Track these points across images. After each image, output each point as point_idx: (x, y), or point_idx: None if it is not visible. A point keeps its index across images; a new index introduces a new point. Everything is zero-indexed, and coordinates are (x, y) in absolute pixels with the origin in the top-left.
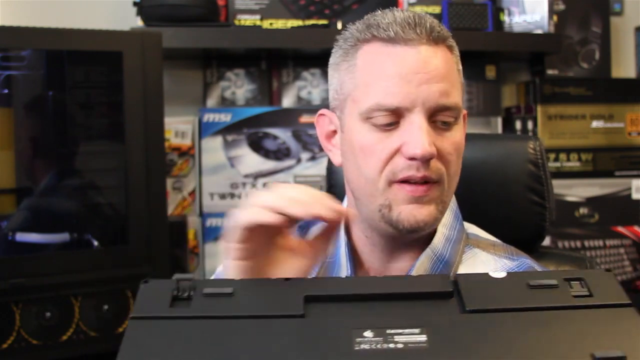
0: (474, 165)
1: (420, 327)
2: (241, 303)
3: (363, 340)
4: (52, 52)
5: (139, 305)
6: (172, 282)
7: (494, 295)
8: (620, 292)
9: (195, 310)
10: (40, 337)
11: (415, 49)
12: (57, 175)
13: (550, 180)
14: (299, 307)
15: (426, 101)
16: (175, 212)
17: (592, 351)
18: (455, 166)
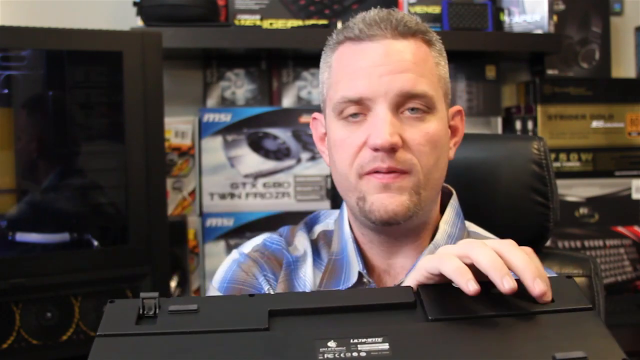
0: (477, 165)
1: (383, 335)
2: (206, 319)
3: (327, 350)
4: (52, 52)
5: (105, 323)
6: (137, 301)
7: (456, 304)
8: (581, 297)
9: (161, 327)
10: (40, 337)
11: (378, 43)
12: (57, 175)
13: (554, 180)
14: (264, 321)
15: (388, 91)
16: (175, 212)
17: (553, 353)
18: (430, 157)
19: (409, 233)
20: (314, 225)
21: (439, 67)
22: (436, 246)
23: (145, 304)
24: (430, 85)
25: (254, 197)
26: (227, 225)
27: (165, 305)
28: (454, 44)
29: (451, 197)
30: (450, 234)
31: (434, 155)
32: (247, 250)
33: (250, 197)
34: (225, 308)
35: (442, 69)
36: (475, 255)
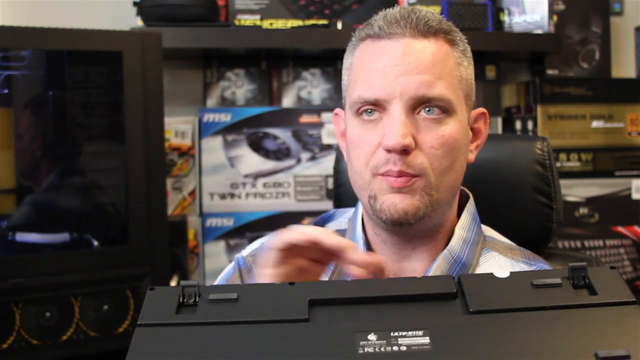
0: (480, 165)
1: (423, 329)
2: (246, 308)
3: (367, 343)
4: (52, 52)
5: (146, 312)
6: (177, 288)
7: (498, 295)
8: (624, 289)
9: (201, 317)
10: (40, 337)
11: (397, 42)
12: (57, 175)
13: (557, 181)
14: (304, 311)
15: (404, 93)
16: (175, 212)
17: (596, 350)
18: (444, 160)
19: (422, 235)
20: (326, 224)
21: (461, 68)
22: (451, 252)
23: (186, 292)
24: (448, 88)
25: (254, 197)
26: (227, 225)
27: (205, 293)
28: None
29: (468, 201)
30: (466, 239)
31: (449, 159)
32: (245, 253)
33: (250, 197)
34: (265, 297)
35: (464, 70)
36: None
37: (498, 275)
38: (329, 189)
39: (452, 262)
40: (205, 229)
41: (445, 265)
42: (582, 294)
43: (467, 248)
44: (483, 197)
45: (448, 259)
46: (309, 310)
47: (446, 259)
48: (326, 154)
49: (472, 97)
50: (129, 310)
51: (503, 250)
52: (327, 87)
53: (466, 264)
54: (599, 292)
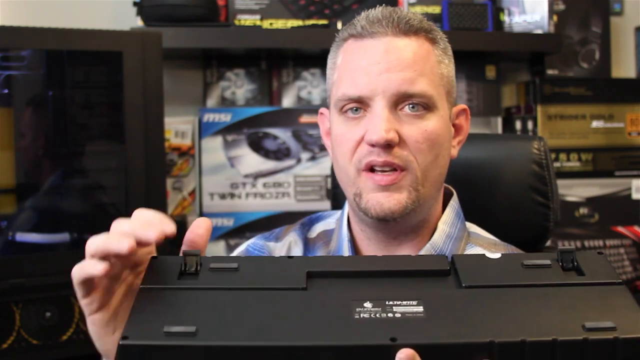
0: (477, 165)
1: (417, 299)
2: (246, 277)
3: (363, 310)
4: (52, 52)
5: (148, 277)
6: (179, 258)
7: (490, 273)
8: (611, 272)
9: (202, 283)
10: (40, 337)
11: (379, 41)
12: (57, 175)
13: (554, 180)
14: (302, 281)
15: (386, 89)
16: (175, 212)
17: (583, 322)
18: (428, 155)
19: (407, 231)
20: (314, 224)
21: (442, 65)
22: (433, 245)
23: (187, 261)
24: (430, 84)
25: (254, 197)
26: (227, 225)
27: (206, 263)
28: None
29: (452, 197)
30: (449, 234)
31: (432, 153)
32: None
33: (250, 197)
34: (265, 268)
35: (445, 67)
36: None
37: (490, 256)
38: (329, 189)
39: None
40: None
41: None
42: (570, 275)
43: (450, 243)
44: (480, 196)
45: (430, 252)
46: (307, 280)
47: (428, 252)
48: (326, 154)
49: (453, 94)
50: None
51: (487, 246)
52: (327, 87)
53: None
54: (586, 273)
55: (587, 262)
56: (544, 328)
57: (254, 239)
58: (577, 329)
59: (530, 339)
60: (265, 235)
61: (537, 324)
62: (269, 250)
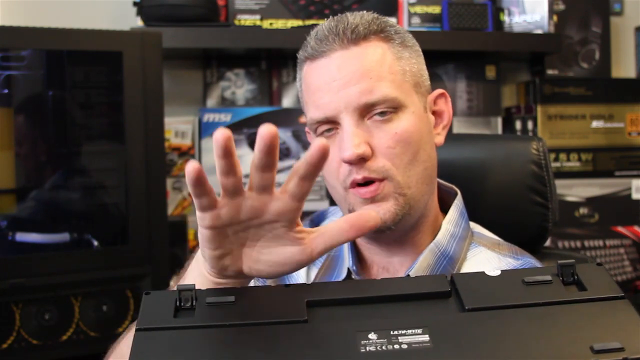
0: (476, 165)
1: (422, 327)
2: (244, 311)
3: (368, 342)
4: (52, 52)
5: (144, 316)
6: (173, 292)
7: (491, 293)
8: (612, 285)
9: (200, 320)
10: (40, 337)
11: (329, 58)
12: (57, 175)
13: (553, 181)
14: (302, 313)
15: (348, 104)
16: (175, 212)
17: (591, 344)
18: (404, 157)
19: (406, 231)
20: (321, 222)
21: (402, 60)
22: (437, 245)
23: (182, 296)
24: (390, 86)
25: None
26: None
27: (202, 297)
28: (454, 44)
29: (456, 197)
30: (454, 234)
31: (409, 153)
32: None
33: None
34: (262, 299)
35: (405, 61)
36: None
37: (489, 274)
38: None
39: (439, 255)
40: None
41: (432, 258)
42: (571, 290)
43: (454, 242)
44: (479, 196)
45: (435, 252)
46: (307, 311)
47: (432, 252)
48: None
49: (424, 84)
50: (129, 311)
51: (490, 246)
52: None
53: (453, 257)
54: (588, 288)
55: (587, 275)
56: (553, 352)
57: None
58: (586, 351)
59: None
60: None
61: (546, 348)
62: None
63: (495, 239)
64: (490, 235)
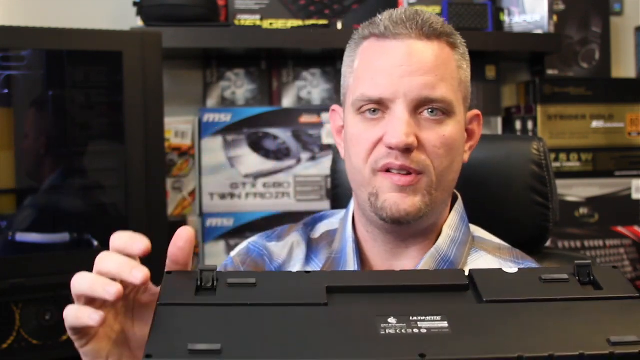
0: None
1: (441, 314)
2: (265, 292)
3: (388, 326)
4: (52, 52)
5: (165, 293)
6: (195, 273)
7: (509, 287)
8: (628, 285)
9: (221, 298)
10: (40, 337)
11: (402, 43)
12: (57, 175)
13: (553, 181)
14: (322, 297)
15: (408, 93)
16: (175, 212)
17: (608, 337)
18: (445, 160)
19: (416, 234)
20: (318, 224)
21: (461, 70)
22: (438, 250)
23: (204, 276)
24: (449, 90)
25: (254, 197)
26: (227, 226)
27: (223, 278)
28: None
29: (456, 201)
30: (454, 239)
31: (449, 158)
32: (233, 253)
33: (250, 197)
34: (283, 283)
35: (463, 72)
36: (97, 266)
37: (507, 270)
38: (329, 189)
39: (439, 260)
40: (205, 229)
41: (433, 263)
42: (588, 289)
43: (454, 247)
44: (480, 197)
45: (435, 257)
46: (327, 296)
47: (433, 257)
48: (326, 154)
49: (469, 100)
50: None
51: (492, 250)
52: (327, 87)
53: (454, 262)
54: (604, 287)
55: (603, 276)
56: (570, 343)
57: (255, 237)
58: (603, 343)
59: (558, 354)
60: (268, 234)
61: (563, 339)
62: (268, 252)
63: (496, 243)
64: (491, 239)
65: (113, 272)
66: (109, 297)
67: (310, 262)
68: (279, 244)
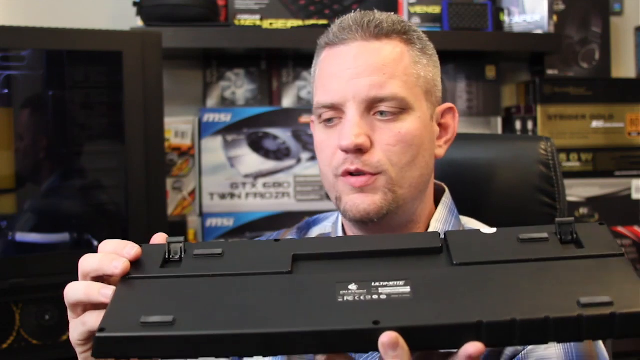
0: (483, 165)
1: (405, 279)
2: (231, 262)
3: (347, 292)
4: (52, 52)
5: (132, 267)
6: (164, 245)
7: (483, 249)
8: (612, 243)
9: (185, 270)
10: (40, 337)
11: (348, 47)
12: (57, 175)
13: (562, 181)
14: (287, 265)
15: (356, 95)
16: (175, 212)
17: (579, 297)
18: (403, 157)
19: (395, 231)
20: (312, 228)
21: (418, 65)
22: None
23: (172, 248)
24: (402, 86)
25: (254, 197)
26: (227, 225)
27: (191, 249)
28: (454, 44)
29: (444, 194)
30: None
31: (408, 155)
32: None
33: (250, 197)
34: (250, 252)
35: (422, 67)
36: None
37: (485, 231)
38: None
39: None
40: (205, 229)
41: None
42: (569, 248)
43: None
44: (486, 197)
45: None
46: (292, 264)
47: None
48: None
49: (435, 94)
50: None
51: None
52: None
53: None
54: (586, 246)
55: (587, 234)
56: (537, 306)
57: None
58: (572, 305)
59: (520, 318)
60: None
61: (530, 302)
62: None
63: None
64: (481, 226)
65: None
66: (117, 271)
67: None
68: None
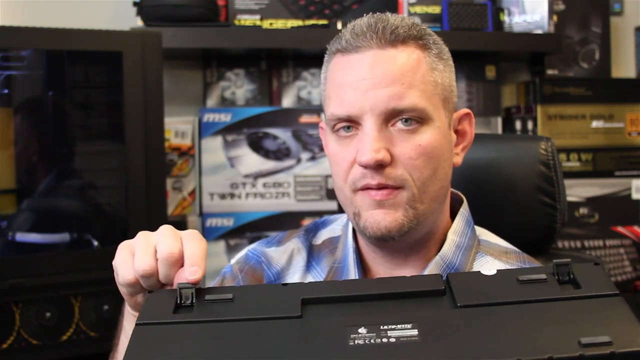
0: (484, 165)
1: (412, 322)
2: (241, 307)
3: (357, 336)
4: (52, 52)
5: (144, 312)
6: (174, 291)
7: (485, 291)
8: (608, 283)
9: (198, 316)
10: (40, 337)
11: (364, 55)
12: (57, 176)
13: (562, 181)
14: (297, 309)
15: (374, 107)
16: (175, 212)
17: (579, 338)
18: (425, 171)
19: (412, 246)
20: (320, 230)
21: (435, 72)
22: (443, 258)
23: (183, 293)
24: (421, 96)
25: (254, 197)
26: (227, 225)
27: (202, 294)
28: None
29: (462, 205)
30: (459, 244)
31: (429, 167)
32: (233, 261)
33: (250, 197)
34: (260, 297)
35: (439, 74)
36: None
37: (485, 273)
38: (329, 189)
39: (444, 267)
40: (205, 229)
41: (438, 270)
42: (567, 288)
43: (460, 253)
44: (487, 197)
45: (440, 265)
46: (302, 308)
47: (438, 265)
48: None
49: (452, 100)
50: None
51: (498, 254)
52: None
53: (459, 269)
54: (583, 286)
55: (583, 274)
56: (540, 346)
57: (255, 244)
58: (573, 345)
59: (525, 359)
60: (267, 241)
61: (533, 342)
62: (266, 258)
63: (502, 247)
64: (498, 242)
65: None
66: (191, 278)
67: (311, 270)
68: (278, 249)
